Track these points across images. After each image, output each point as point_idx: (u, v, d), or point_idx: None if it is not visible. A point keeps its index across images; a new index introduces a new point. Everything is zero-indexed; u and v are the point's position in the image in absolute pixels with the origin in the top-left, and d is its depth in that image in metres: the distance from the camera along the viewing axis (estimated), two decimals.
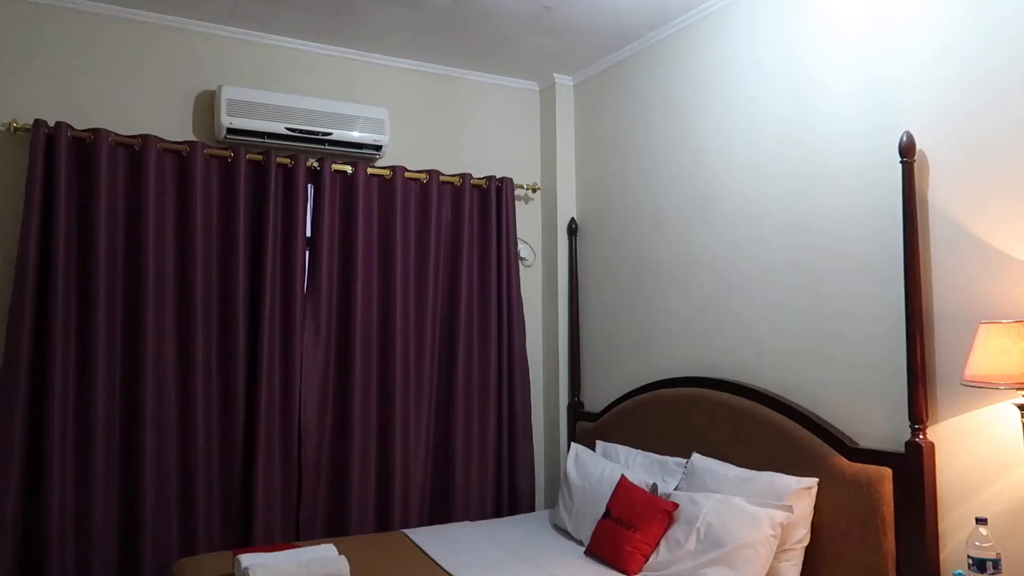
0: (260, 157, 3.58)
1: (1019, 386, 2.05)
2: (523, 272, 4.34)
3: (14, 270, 3.11)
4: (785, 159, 3.04)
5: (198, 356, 3.38)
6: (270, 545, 3.15)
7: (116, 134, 3.31)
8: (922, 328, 2.46)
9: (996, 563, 2.11)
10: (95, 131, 3.24)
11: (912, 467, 2.44)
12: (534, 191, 4.39)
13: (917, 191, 2.53)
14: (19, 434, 3.03)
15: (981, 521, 2.16)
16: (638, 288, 3.83)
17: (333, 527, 3.63)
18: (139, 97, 3.48)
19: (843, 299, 2.79)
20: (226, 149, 3.53)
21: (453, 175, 4.05)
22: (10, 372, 3.04)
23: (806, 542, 2.69)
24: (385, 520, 3.72)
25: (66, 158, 3.20)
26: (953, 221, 2.44)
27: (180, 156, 3.45)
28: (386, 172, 3.85)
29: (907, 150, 2.49)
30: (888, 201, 2.63)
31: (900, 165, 2.54)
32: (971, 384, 2.15)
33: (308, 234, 3.69)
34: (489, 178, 4.13)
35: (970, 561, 2.14)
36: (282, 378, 3.55)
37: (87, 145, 3.26)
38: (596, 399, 4.11)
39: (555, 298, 4.29)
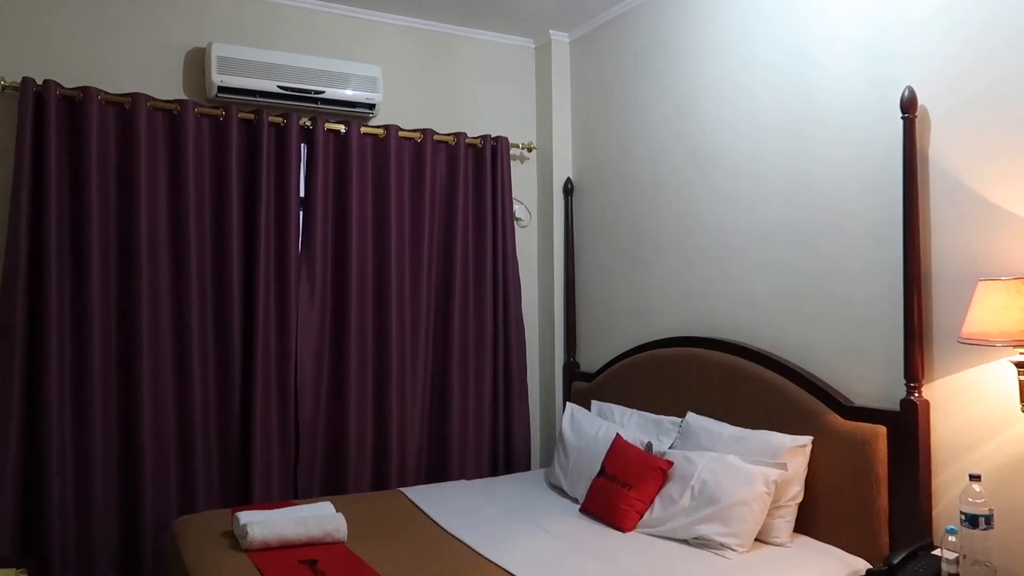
0: (252, 116, 3.53)
1: (1016, 343, 2.05)
2: (519, 232, 4.31)
3: (6, 230, 3.08)
4: (785, 115, 3.00)
5: (193, 317, 3.37)
6: (268, 503, 3.18)
7: (106, 93, 3.25)
8: (919, 286, 2.45)
9: (988, 519, 2.13)
10: (84, 89, 3.19)
11: (906, 425, 2.45)
12: (530, 150, 4.34)
13: (918, 147, 2.50)
14: (16, 398, 3.03)
15: (975, 478, 2.17)
16: (634, 248, 3.81)
17: (330, 486, 3.66)
18: (128, 55, 3.42)
19: (841, 258, 2.77)
20: (217, 108, 3.47)
21: (447, 134, 4.00)
22: (5, 337, 3.02)
23: (800, 499, 2.71)
24: (382, 479, 3.75)
25: (55, 117, 3.14)
26: (954, 177, 2.42)
27: (171, 115, 3.39)
28: (380, 131, 3.80)
29: (908, 105, 2.46)
30: (888, 158, 2.60)
31: (901, 121, 2.50)
32: (968, 342, 2.14)
33: (302, 194, 3.66)
34: (484, 137, 4.08)
35: (963, 517, 2.15)
36: (278, 338, 3.54)
37: (76, 104, 3.20)
38: (592, 359, 4.11)
39: (551, 258, 4.28)
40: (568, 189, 4.24)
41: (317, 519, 2.75)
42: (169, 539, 2.90)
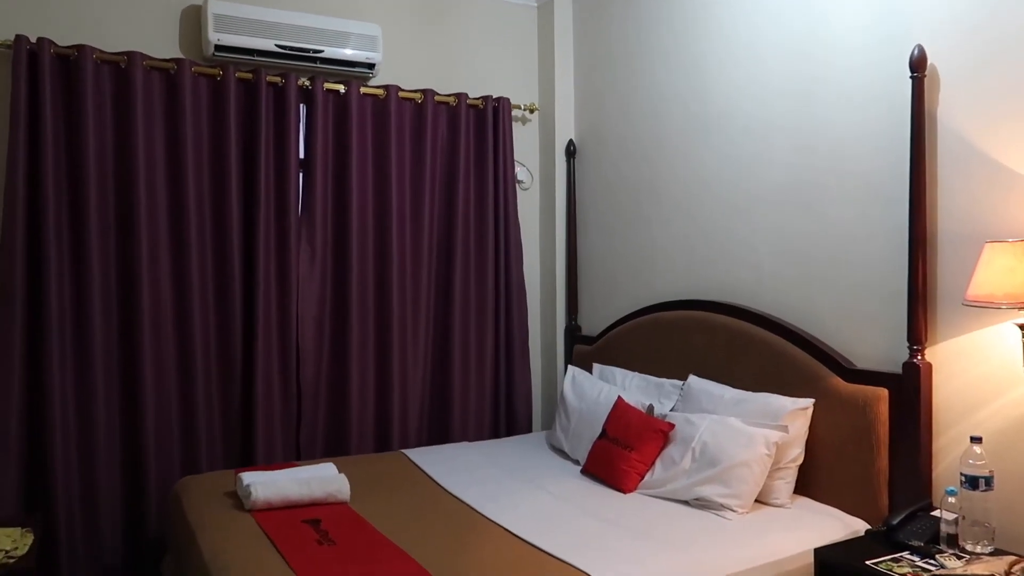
0: (250, 76, 3.48)
1: (1022, 305, 2.04)
2: (520, 195, 4.27)
3: (3, 192, 3.05)
4: (791, 76, 2.94)
5: (194, 279, 3.36)
6: (271, 465, 3.19)
7: (100, 51, 3.20)
8: (925, 248, 2.43)
9: (989, 480, 2.14)
10: (79, 47, 3.13)
11: (908, 387, 2.45)
12: (532, 112, 4.28)
13: (926, 107, 2.46)
14: (17, 359, 3.02)
15: (976, 440, 2.17)
16: (637, 210, 3.78)
17: (333, 448, 3.68)
18: (123, 12, 3.35)
19: (846, 220, 2.75)
20: (214, 67, 3.42)
21: (448, 95, 3.95)
22: (5, 298, 3.01)
23: (800, 461, 2.72)
24: (384, 441, 3.77)
25: (50, 75, 3.09)
26: (962, 138, 2.38)
27: (167, 75, 3.34)
28: (379, 92, 3.75)
29: (918, 64, 2.41)
30: (896, 118, 2.56)
31: (910, 80, 2.46)
32: (973, 304, 2.13)
33: (301, 155, 3.62)
34: (485, 98, 4.03)
35: (963, 478, 2.16)
36: (279, 300, 3.53)
37: (71, 62, 3.15)
38: (593, 323, 4.11)
39: (553, 221, 4.25)
40: (570, 151, 4.20)
41: (320, 480, 2.77)
42: (173, 499, 2.92)
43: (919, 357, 2.44)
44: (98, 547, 3.17)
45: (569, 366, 3.79)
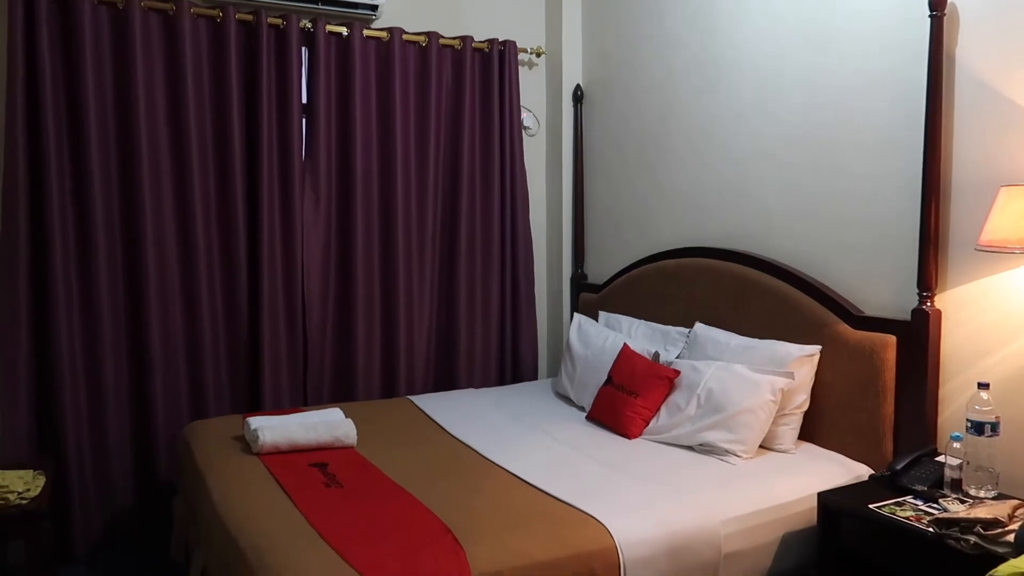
0: (250, 17, 3.40)
1: None
2: (526, 141, 4.20)
3: (4, 136, 3.01)
4: (803, 19, 2.86)
5: (198, 225, 3.33)
6: (278, 410, 3.22)
7: None
8: (938, 193, 2.39)
9: (995, 426, 2.14)
10: None
11: (917, 334, 2.44)
12: (538, 56, 4.19)
13: (945, 48, 2.39)
14: (24, 305, 3.02)
15: (983, 386, 2.17)
16: (645, 157, 3.72)
17: (339, 394, 3.70)
18: None
19: (859, 167, 2.70)
20: (214, 8, 3.34)
21: (453, 38, 3.86)
22: (8, 243, 2.99)
23: (805, 407, 2.73)
24: (390, 388, 3.79)
25: (47, 19, 3.02)
26: (981, 81, 2.32)
27: (166, 16, 3.27)
28: (383, 34, 3.67)
29: (937, 2, 2.34)
30: (912, 61, 2.49)
31: (929, 19, 2.39)
32: (986, 249, 2.10)
33: (304, 100, 3.56)
34: (491, 41, 3.94)
35: (968, 424, 2.16)
36: (284, 247, 3.51)
37: (68, 5, 3.07)
38: (600, 271, 4.08)
39: (559, 168, 4.19)
40: (578, 96, 4.12)
41: (327, 424, 2.79)
42: (181, 443, 2.95)
43: (929, 304, 2.42)
44: (109, 488, 3.21)
45: (575, 314, 3.78)
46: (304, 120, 3.56)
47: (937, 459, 2.31)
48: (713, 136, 3.31)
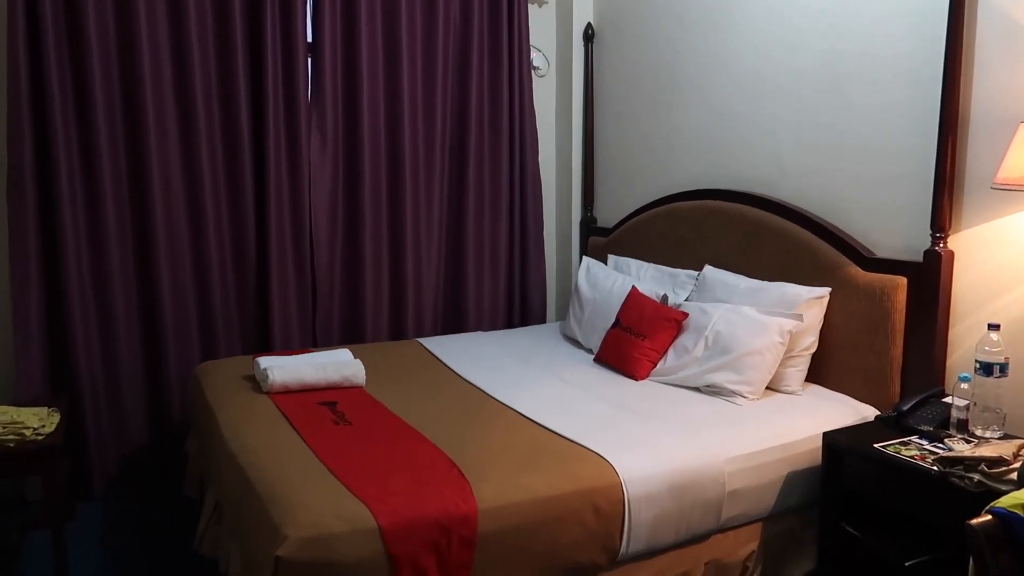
0: None
1: None
2: (536, 82, 4.13)
3: (7, 77, 2.96)
4: None
5: (204, 168, 3.31)
6: (288, 351, 3.24)
7: None
8: (956, 131, 2.34)
9: (1004, 367, 2.12)
10: None
11: (928, 276, 2.41)
12: None
13: None
14: (34, 246, 3.02)
15: (993, 327, 2.15)
16: (656, 98, 3.65)
17: (348, 336, 3.71)
18: None
19: (874, 105, 2.63)
20: None
21: None
22: (16, 185, 2.98)
23: (814, 349, 2.72)
24: (399, 331, 3.80)
25: None
26: (1004, 12, 2.24)
27: None
28: None
29: None
30: None
31: None
32: (1002, 187, 2.06)
33: (309, 39, 3.49)
34: None
35: (977, 365, 2.15)
36: (290, 189, 3.49)
37: None
38: (609, 214, 4.05)
39: (569, 110, 4.12)
40: (588, 35, 4.03)
41: (336, 364, 2.81)
42: (193, 382, 2.98)
43: (941, 245, 2.39)
44: (123, 426, 3.26)
45: (584, 257, 3.76)
46: (309, 59, 3.50)
47: (944, 400, 2.31)
48: (726, 73, 3.24)
